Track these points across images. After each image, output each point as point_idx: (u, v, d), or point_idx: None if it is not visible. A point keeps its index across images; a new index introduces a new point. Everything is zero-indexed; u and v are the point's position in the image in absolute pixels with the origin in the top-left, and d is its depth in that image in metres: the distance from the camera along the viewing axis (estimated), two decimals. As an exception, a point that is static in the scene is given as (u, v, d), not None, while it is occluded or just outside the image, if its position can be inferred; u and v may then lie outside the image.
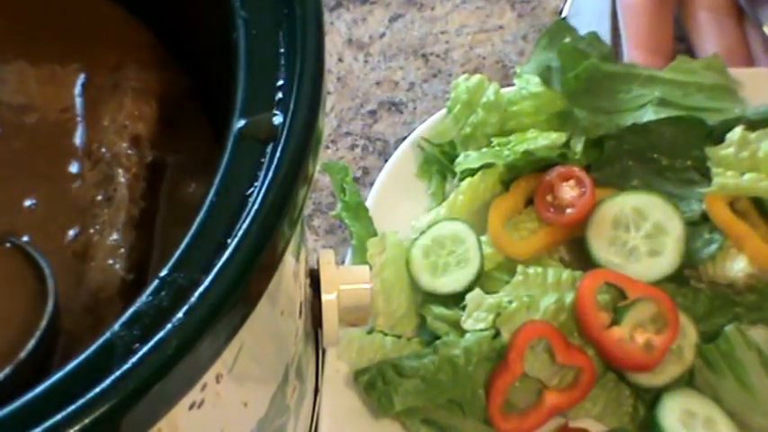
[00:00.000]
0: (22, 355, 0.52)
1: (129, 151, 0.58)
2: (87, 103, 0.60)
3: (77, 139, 0.59)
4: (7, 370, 0.52)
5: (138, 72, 0.61)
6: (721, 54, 0.75)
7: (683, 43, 0.79)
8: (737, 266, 0.69)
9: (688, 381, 0.68)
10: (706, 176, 0.70)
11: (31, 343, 0.53)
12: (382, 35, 0.79)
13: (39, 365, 0.52)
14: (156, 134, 0.60)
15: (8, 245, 0.56)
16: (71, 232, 0.57)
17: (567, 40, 0.73)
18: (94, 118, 0.60)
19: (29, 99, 0.60)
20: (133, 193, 0.58)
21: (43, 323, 0.53)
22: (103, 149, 0.58)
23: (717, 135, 0.71)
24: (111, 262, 0.56)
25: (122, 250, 0.56)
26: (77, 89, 0.60)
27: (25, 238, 0.56)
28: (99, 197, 0.57)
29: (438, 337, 0.68)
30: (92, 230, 0.57)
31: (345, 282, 0.61)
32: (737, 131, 0.71)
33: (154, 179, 0.59)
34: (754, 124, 0.71)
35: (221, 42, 0.53)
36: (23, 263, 0.55)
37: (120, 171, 0.58)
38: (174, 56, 0.62)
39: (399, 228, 0.71)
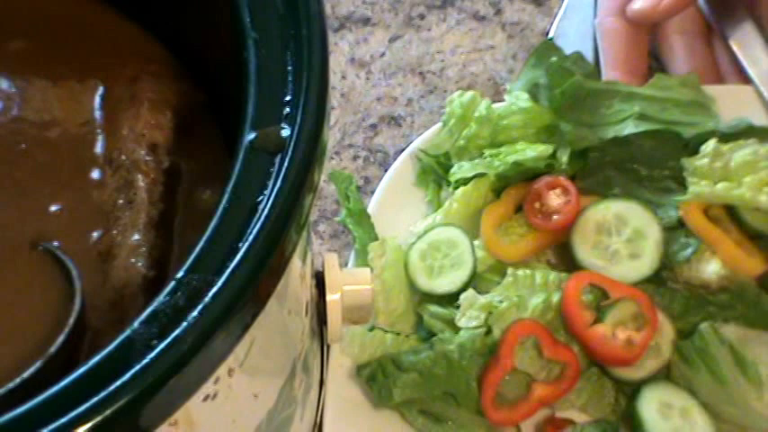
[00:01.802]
0: (52, 349, 0.52)
1: (147, 158, 0.59)
2: (107, 114, 0.60)
3: (98, 148, 0.59)
4: (38, 363, 0.52)
5: (153, 84, 0.61)
6: (694, 74, 0.75)
7: (659, 62, 0.78)
8: (711, 269, 0.69)
9: (665, 374, 0.68)
10: (682, 185, 0.70)
11: (60, 339, 0.53)
12: (382, 54, 0.79)
13: (67, 359, 0.52)
14: (171, 142, 0.60)
15: (39, 249, 0.56)
16: (95, 234, 0.57)
17: (554, 59, 0.73)
18: (114, 127, 0.60)
19: (51, 115, 0.60)
20: (152, 197, 0.58)
21: (71, 320, 0.53)
22: (123, 156, 0.59)
23: (692, 147, 0.72)
24: (133, 260, 0.56)
25: (143, 249, 0.57)
26: (96, 102, 0.60)
27: (55, 243, 0.56)
28: (120, 201, 0.58)
29: (434, 334, 0.69)
30: (115, 232, 0.57)
31: (348, 283, 0.61)
32: (711, 144, 0.71)
33: (171, 183, 0.59)
34: (726, 137, 0.71)
35: (233, 59, 0.53)
36: (53, 265, 0.55)
37: (140, 176, 0.58)
38: (188, 70, 0.62)
39: (398, 233, 0.71)
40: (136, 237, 0.57)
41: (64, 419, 0.44)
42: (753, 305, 0.69)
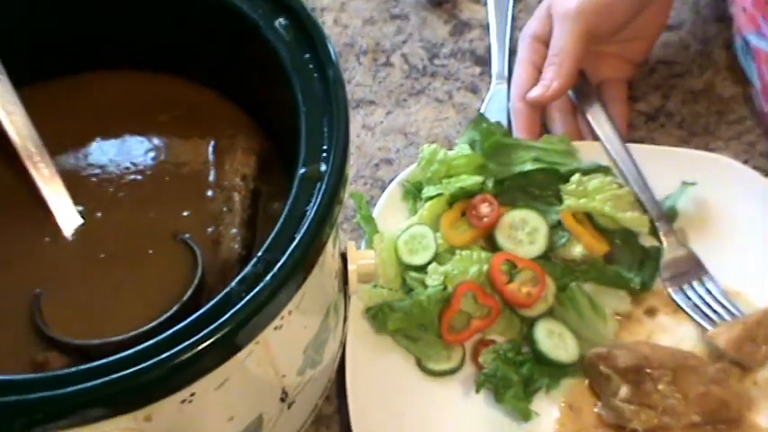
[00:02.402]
0: (184, 299, 0.53)
1: (240, 183, 0.59)
2: (216, 157, 0.60)
3: (211, 177, 0.59)
4: (176, 307, 0.52)
5: (244, 139, 0.61)
6: (566, 134, 0.74)
7: (546, 127, 0.78)
8: (576, 250, 0.68)
9: (550, 313, 0.67)
10: (560, 200, 0.70)
11: (189, 292, 0.53)
12: (381, 122, 0.78)
13: (193, 305, 0.52)
14: (255, 173, 0.59)
15: (177, 239, 0.56)
16: (210, 229, 0.57)
17: (484, 125, 0.73)
18: (220, 165, 0.59)
19: (183, 159, 0.60)
20: (243, 207, 0.58)
21: (195, 281, 0.54)
22: (226, 182, 0.59)
23: (565, 177, 0.71)
24: (232, 245, 0.56)
25: (239, 238, 0.56)
26: (210, 150, 0.60)
27: (186, 235, 0.56)
28: (224, 209, 0.57)
29: (412, 290, 0.68)
30: (221, 227, 0.57)
31: (361, 259, 0.61)
32: (576, 176, 0.70)
33: (255, 199, 0.59)
34: (585, 172, 0.71)
35: (292, 124, 0.53)
36: (185, 248, 0.55)
37: (236, 194, 0.58)
38: (265, 130, 0.62)
39: (391, 228, 0.71)
40: (234, 231, 0.56)
41: (192, 339, 0.44)
42: (600, 272, 0.68)
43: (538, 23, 0.72)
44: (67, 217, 0.56)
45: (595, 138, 0.74)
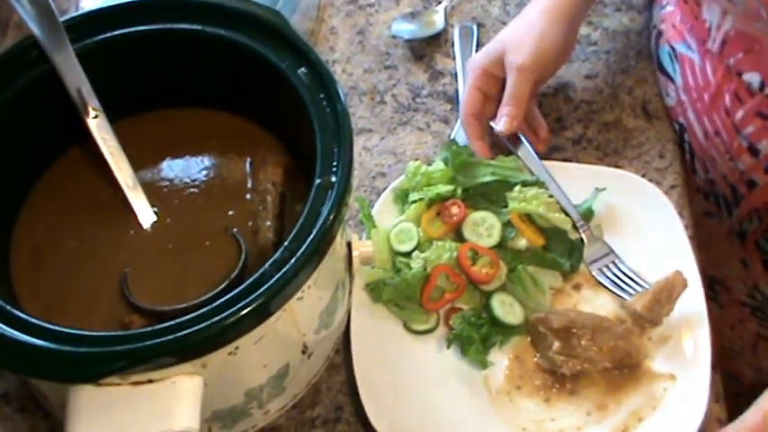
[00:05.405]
0: (232, 276, 0.53)
1: (271, 188, 0.59)
2: (252, 170, 0.60)
3: (249, 185, 0.59)
4: (226, 282, 0.52)
5: (274, 156, 0.61)
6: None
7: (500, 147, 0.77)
8: (522, 242, 0.68)
9: (503, 288, 0.67)
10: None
11: (235, 272, 0.53)
12: (377, 145, 0.78)
13: (238, 281, 0.52)
14: (283, 181, 0.59)
15: (227, 232, 0.56)
16: (250, 223, 0.57)
17: (454, 147, 0.73)
18: (256, 175, 0.59)
19: (228, 172, 0.60)
20: (274, 206, 0.58)
21: (240, 263, 0.54)
22: (261, 188, 0.59)
23: (513, 186, 0.71)
24: (267, 234, 0.56)
25: (272, 229, 0.56)
26: (248, 165, 0.60)
27: (234, 229, 0.56)
28: (260, 207, 0.58)
29: (400, 270, 0.68)
30: (258, 221, 0.57)
31: (362, 247, 0.61)
32: (518, 187, 0.70)
33: (283, 200, 0.59)
34: (526, 184, 0.71)
35: (311, 146, 0.53)
36: (232, 239, 0.55)
37: (268, 196, 0.58)
38: (290, 150, 0.61)
39: (385, 224, 0.70)
40: (268, 223, 0.56)
41: (237, 306, 0.44)
42: (540, 257, 0.68)
43: (490, 63, 0.71)
44: (146, 215, 0.57)
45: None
